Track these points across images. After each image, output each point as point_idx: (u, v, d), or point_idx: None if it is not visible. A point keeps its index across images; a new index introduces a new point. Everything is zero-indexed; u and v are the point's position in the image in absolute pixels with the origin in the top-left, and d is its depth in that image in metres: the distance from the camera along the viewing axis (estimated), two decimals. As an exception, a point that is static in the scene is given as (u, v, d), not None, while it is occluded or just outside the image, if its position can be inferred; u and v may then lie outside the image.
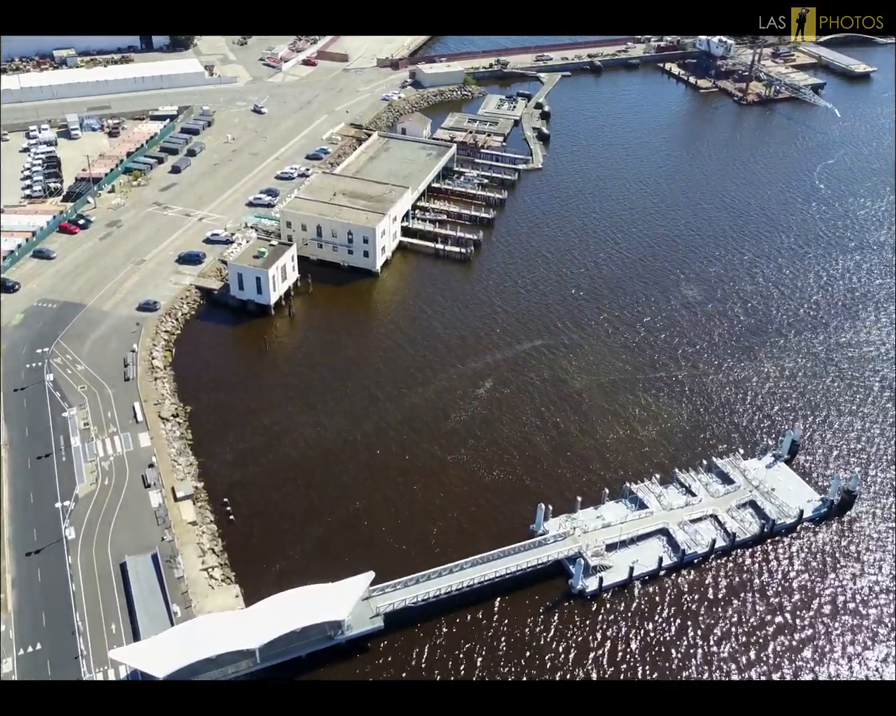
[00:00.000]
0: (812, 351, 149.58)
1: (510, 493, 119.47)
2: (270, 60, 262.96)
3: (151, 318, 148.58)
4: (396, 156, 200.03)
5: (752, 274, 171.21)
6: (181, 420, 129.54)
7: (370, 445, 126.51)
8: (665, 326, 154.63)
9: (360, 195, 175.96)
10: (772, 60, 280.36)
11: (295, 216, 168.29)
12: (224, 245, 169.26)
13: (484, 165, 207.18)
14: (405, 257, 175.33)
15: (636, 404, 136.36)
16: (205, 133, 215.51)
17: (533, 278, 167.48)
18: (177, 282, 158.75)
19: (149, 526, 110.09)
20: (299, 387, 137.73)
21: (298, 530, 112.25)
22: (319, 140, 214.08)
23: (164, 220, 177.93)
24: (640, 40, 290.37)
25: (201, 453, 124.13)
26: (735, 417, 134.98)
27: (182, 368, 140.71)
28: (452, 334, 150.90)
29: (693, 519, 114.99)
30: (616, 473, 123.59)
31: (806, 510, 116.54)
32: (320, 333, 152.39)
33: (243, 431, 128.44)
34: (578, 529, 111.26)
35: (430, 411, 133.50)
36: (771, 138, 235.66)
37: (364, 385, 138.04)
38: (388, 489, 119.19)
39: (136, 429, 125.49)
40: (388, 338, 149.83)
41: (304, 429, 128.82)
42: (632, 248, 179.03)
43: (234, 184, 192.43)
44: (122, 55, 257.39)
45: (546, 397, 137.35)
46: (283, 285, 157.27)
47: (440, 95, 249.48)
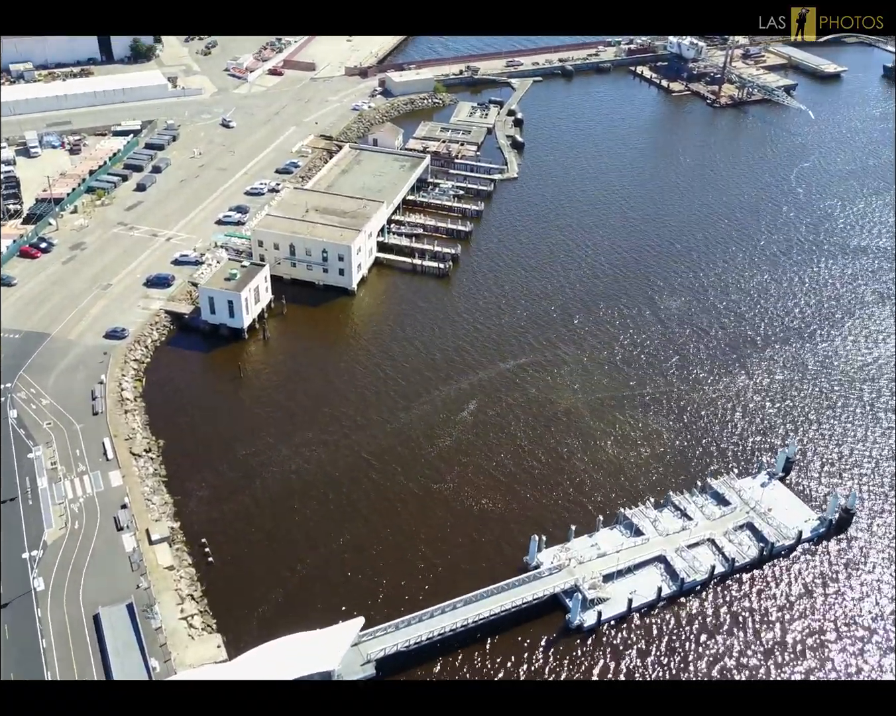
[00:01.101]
0: (799, 362, 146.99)
1: (500, 523, 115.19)
2: (236, 71, 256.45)
3: (120, 346, 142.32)
4: (369, 168, 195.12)
5: (733, 283, 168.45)
6: (154, 455, 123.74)
7: (352, 477, 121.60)
8: (647, 340, 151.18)
9: (334, 211, 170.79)
10: (742, 62, 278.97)
11: (267, 235, 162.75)
12: (194, 266, 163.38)
13: (459, 176, 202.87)
14: (382, 274, 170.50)
15: (624, 424, 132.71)
16: (170, 148, 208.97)
17: (513, 293, 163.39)
18: (145, 307, 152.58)
19: (123, 573, 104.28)
20: (276, 415, 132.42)
21: (281, 571, 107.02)
22: (289, 153, 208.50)
23: (131, 241, 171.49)
24: (610, 43, 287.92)
25: (176, 490, 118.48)
26: (725, 433, 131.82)
27: (153, 398, 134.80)
28: (433, 354, 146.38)
29: (690, 544, 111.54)
30: (609, 497, 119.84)
31: (804, 531, 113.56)
32: (296, 357, 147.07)
33: (220, 464, 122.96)
34: (574, 560, 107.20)
35: (414, 438, 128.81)
36: (746, 142, 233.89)
37: (343, 412, 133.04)
38: (373, 523, 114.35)
39: (106, 467, 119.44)
40: (366, 360, 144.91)
41: (282, 461, 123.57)
42: (609, 258, 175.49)
43: (202, 201, 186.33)
44: (81, 68, 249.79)
45: (533, 419, 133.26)
46: (257, 307, 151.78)
47: (411, 104, 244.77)
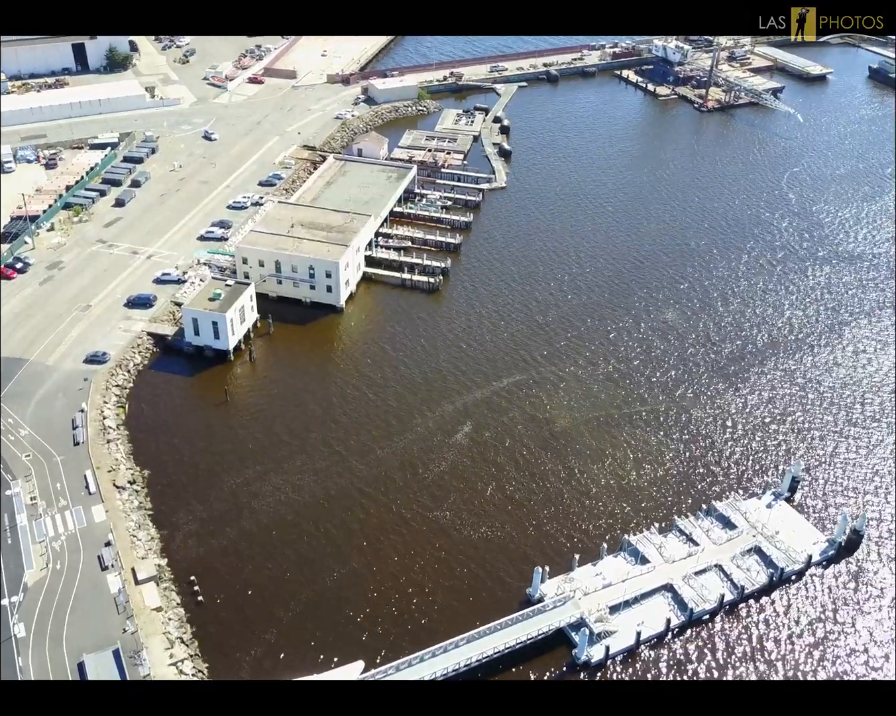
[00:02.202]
0: (799, 375, 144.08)
1: (501, 552, 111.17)
2: (215, 79, 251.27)
3: (101, 371, 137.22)
4: (355, 180, 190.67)
5: (728, 293, 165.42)
6: (139, 487, 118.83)
7: (345, 506, 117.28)
8: (643, 354, 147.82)
9: (320, 226, 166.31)
10: (728, 64, 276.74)
11: (251, 252, 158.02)
12: (176, 285, 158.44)
13: (446, 186, 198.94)
14: (370, 289, 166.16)
15: (624, 444, 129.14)
16: (149, 161, 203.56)
17: (506, 307, 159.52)
18: (127, 329, 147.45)
19: (108, 616, 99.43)
20: (264, 442, 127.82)
21: (273, 609, 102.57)
22: (272, 165, 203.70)
23: (110, 259, 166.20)
24: (594, 47, 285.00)
25: (163, 524, 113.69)
26: (728, 452, 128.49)
27: (137, 426, 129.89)
28: (425, 374, 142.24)
29: (697, 571, 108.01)
30: (612, 522, 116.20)
31: (813, 554, 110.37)
32: (284, 379, 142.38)
33: (208, 495, 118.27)
34: (578, 592, 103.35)
35: (407, 464, 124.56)
36: (734, 146, 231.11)
37: (334, 437, 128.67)
38: (368, 556, 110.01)
39: (89, 501, 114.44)
40: (357, 381, 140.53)
41: (272, 490, 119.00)
42: (601, 268, 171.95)
43: (183, 216, 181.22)
44: (56, 79, 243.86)
45: (530, 441, 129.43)
46: (242, 328, 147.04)
47: (395, 112, 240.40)
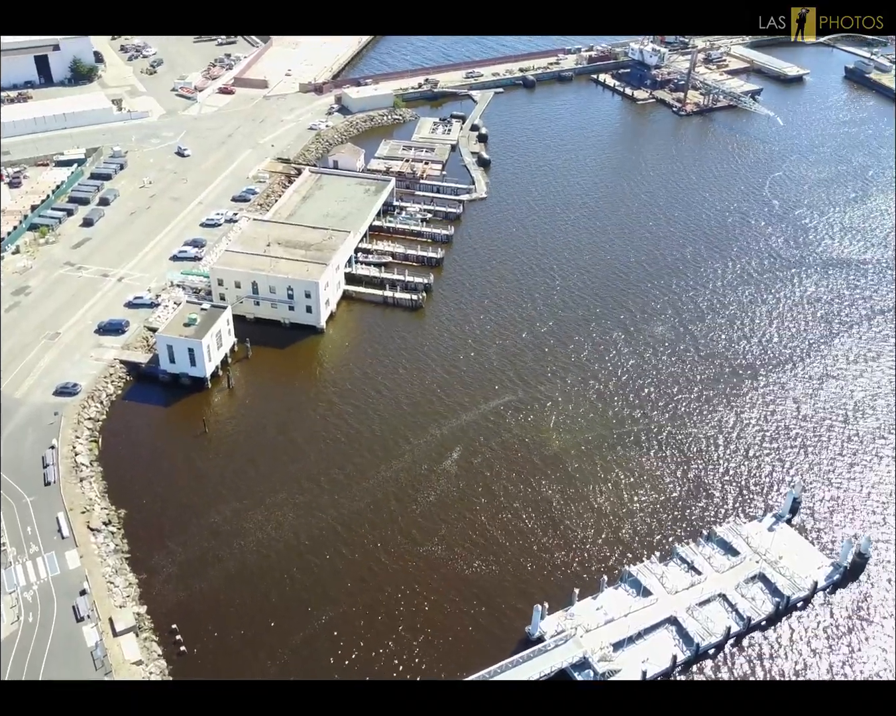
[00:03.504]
0: (793, 390, 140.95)
1: (496, 588, 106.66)
2: (184, 90, 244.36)
3: (72, 403, 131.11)
4: (332, 193, 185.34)
5: (715, 305, 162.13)
6: (115, 528, 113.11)
7: (331, 542, 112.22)
8: (632, 371, 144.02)
9: (298, 243, 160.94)
10: (704, 66, 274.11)
11: (227, 273, 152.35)
12: (149, 309, 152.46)
13: (425, 198, 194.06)
14: (352, 308, 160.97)
15: (618, 467, 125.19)
16: (118, 178, 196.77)
17: (491, 325, 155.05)
18: (98, 357, 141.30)
19: (85, 672, 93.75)
20: (245, 475, 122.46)
21: (260, 658, 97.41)
22: (245, 179, 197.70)
23: (79, 283, 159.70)
24: (570, 51, 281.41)
25: (141, 568, 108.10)
26: (724, 473, 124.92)
27: (111, 462, 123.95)
28: (411, 398, 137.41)
29: (701, 602, 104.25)
30: (610, 550, 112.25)
31: (818, 580, 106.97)
32: (264, 407, 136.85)
33: (187, 535, 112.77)
34: (580, 629, 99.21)
35: (395, 493, 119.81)
36: (715, 151, 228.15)
37: (317, 468, 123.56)
38: (357, 596, 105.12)
39: (62, 546, 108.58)
40: (339, 407, 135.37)
41: (254, 528, 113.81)
42: (585, 281, 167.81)
43: (154, 235, 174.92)
44: (18, 92, 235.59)
45: (522, 465, 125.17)
46: (219, 353, 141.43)
47: (370, 121, 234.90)
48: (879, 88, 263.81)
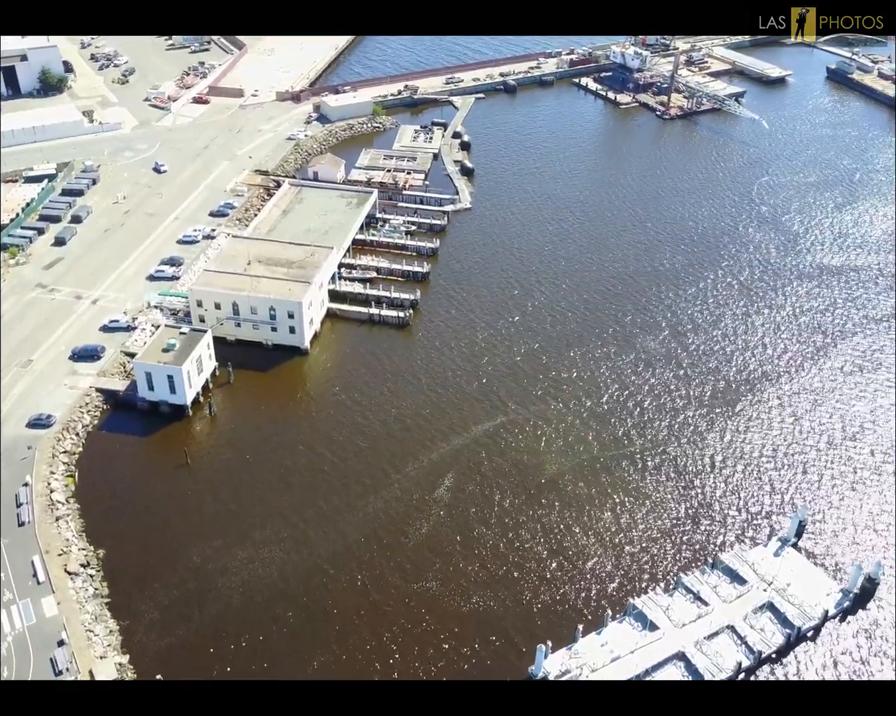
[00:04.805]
0: (792, 406, 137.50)
1: (495, 626, 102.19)
2: (157, 100, 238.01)
3: (46, 436, 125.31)
4: (313, 207, 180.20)
5: (707, 317, 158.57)
6: (93, 570, 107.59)
7: (320, 581, 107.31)
8: (625, 389, 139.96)
9: (279, 261, 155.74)
10: (686, 68, 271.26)
11: (206, 294, 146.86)
12: (125, 332, 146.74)
13: (409, 209, 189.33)
14: (336, 327, 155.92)
15: (617, 490, 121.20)
16: (90, 193, 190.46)
17: (480, 342, 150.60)
18: (73, 385, 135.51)
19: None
20: (229, 509, 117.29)
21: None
22: (223, 192, 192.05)
23: (52, 305, 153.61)
24: (551, 54, 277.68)
25: (122, 614, 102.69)
26: (725, 495, 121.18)
27: (89, 498, 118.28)
28: (401, 422, 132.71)
29: (709, 635, 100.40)
30: (612, 581, 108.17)
31: (828, 607, 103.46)
32: (247, 435, 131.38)
33: (170, 575, 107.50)
34: (586, 668, 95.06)
35: (387, 526, 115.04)
36: (701, 156, 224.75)
37: (304, 500, 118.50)
38: (349, 639, 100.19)
39: (38, 592, 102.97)
40: (326, 435, 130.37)
41: (240, 567, 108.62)
42: (574, 295, 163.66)
43: (130, 254, 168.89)
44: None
45: (517, 492, 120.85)
46: (200, 379, 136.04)
47: (350, 129, 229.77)
48: (862, 89, 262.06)
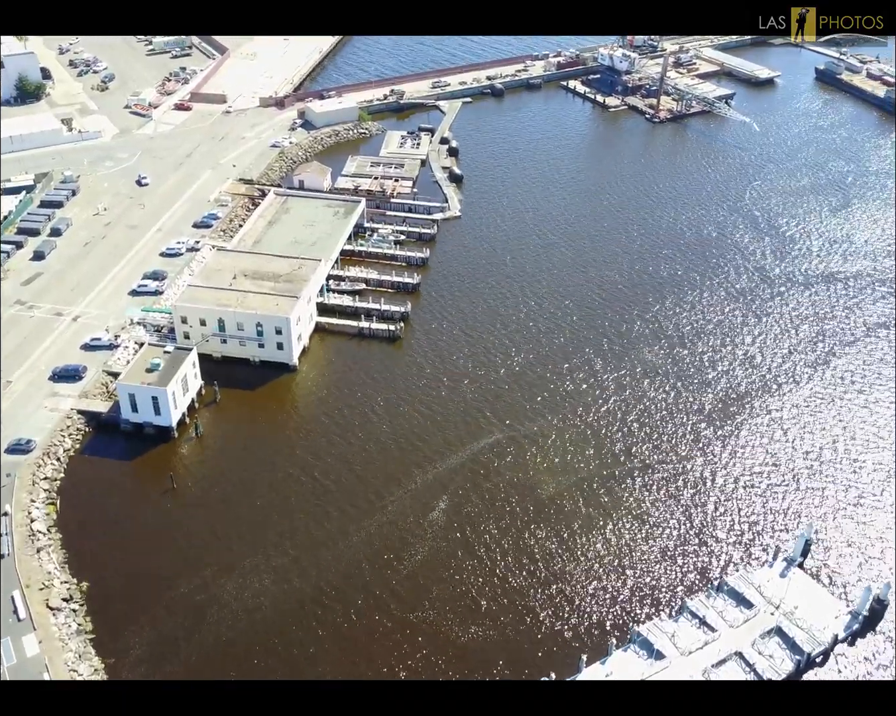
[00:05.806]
0: (794, 419, 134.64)
1: (495, 656, 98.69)
2: (138, 108, 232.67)
3: (26, 462, 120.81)
4: (299, 217, 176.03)
5: (705, 328, 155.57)
6: (77, 605, 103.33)
7: (312, 612, 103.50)
8: (623, 403, 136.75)
9: (266, 275, 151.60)
10: (675, 70, 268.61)
11: (191, 310, 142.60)
12: (107, 351, 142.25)
13: (397, 218, 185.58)
14: (325, 342, 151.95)
15: (616, 510, 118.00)
16: (70, 205, 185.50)
17: (474, 356, 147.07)
18: (53, 407, 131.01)
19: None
20: (217, 537, 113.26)
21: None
22: (206, 202, 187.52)
23: (31, 323, 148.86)
24: (538, 57, 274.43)
25: (108, 651, 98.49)
26: (728, 513, 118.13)
27: (71, 527, 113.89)
28: (394, 441, 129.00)
29: (717, 663, 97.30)
30: (616, 606, 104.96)
31: (837, 631, 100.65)
32: (235, 458, 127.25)
33: (157, 607, 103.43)
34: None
35: (379, 554, 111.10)
36: (692, 160, 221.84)
37: (295, 526, 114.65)
38: (345, 674, 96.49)
39: (18, 630, 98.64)
40: (316, 454, 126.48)
41: (229, 598, 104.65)
42: (568, 304, 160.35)
43: (111, 268, 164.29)
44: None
45: (516, 513, 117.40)
46: (186, 399, 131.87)
47: (335, 136, 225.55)
48: (851, 89, 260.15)
